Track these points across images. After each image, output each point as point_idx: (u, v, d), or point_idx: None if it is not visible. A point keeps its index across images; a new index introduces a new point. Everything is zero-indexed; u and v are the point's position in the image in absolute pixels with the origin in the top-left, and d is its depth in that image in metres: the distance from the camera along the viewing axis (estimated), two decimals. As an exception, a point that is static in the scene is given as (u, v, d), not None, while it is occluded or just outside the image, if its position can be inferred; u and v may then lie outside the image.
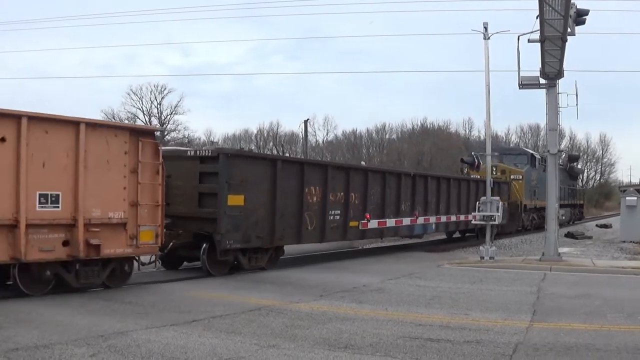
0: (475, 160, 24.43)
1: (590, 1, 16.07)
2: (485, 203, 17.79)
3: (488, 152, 19.07)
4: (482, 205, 17.89)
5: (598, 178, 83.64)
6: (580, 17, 15.16)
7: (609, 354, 6.68)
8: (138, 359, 6.19)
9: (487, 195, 18.01)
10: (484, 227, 18.40)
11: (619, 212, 27.38)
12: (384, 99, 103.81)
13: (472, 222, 19.48)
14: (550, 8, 14.14)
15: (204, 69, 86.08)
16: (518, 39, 16.36)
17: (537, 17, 14.78)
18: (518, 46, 16.46)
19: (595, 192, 74.82)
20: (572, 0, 14.37)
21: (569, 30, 14.94)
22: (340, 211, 16.30)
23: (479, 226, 21.04)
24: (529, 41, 15.89)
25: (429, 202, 20.66)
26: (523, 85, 17.25)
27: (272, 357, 6.37)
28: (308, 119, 50.38)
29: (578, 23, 15.24)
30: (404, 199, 19.27)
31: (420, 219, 20.16)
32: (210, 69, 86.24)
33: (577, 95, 16.92)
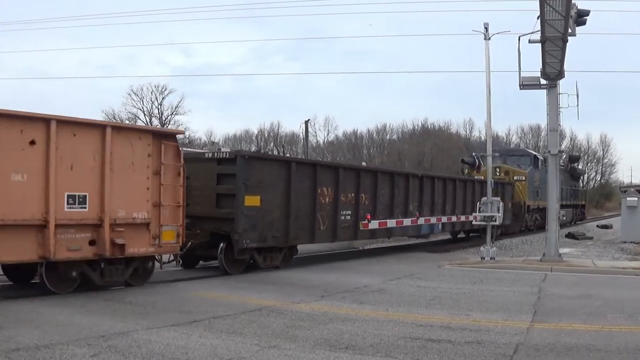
0: (476, 160, 24.39)
1: (590, 1, 16.12)
2: (486, 204, 17.78)
3: (489, 153, 19.08)
4: (482, 205, 17.89)
5: (599, 179, 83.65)
6: (580, 17, 15.17)
7: (609, 355, 6.68)
8: (139, 359, 6.20)
9: (488, 196, 18.02)
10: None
11: (620, 213, 27.38)
12: (385, 99, 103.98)
13: (473, 222, 19.50)
14: (551, 9, 14.15)
15: (205, 70, 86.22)
16: (519, 39, 16.37)
17: (537, 18, 14.79)
18: (519, 47, 16.48)
19: (595, 192, 74.74)
20: (572, 1, 14.38)
21: (569, 30, 14.94)
22: (351, 211, 16.59)
23: (482, 226, 21.08)
24: (530, 42, 15.89)
25: (435, 202, 20.88)
26: (524, 85, 17.25)
27: (273, 358, 6.37)
28: (309, 120, 50.50)
29: (579, 23, 15.25)
30: (412, 200, 19.52)
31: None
32: (210, 69, 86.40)
33: (577, 96, 16.94)
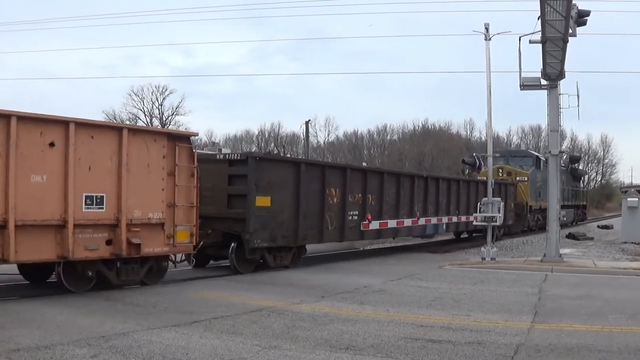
0: (477, 161, 24.37)
1: (591, 2, 16.09)
2: (487, 204, 17.77)
3: (489, 153, 19.07)
4: (483, 206, 17.88)
5: (599, 179, 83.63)
6: (581, 17, 15.15)
7: (610, 355, 6.68)
8: (139, 359, 6.20)
9: (488, 196, 18.00)
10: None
11: (620, 213, 27.37)
12: (385, 99, 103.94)
13: (474, 223, 19.50)
14: (552, 9, 14.14)
15: (205, 70, 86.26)
16: (519, 40, 16.38)
17: (538, 18, 14.78)
18: (519, 47, 16.49)
19: (596, 193, 74.67)
20: (573, 1, 14.37)
21: (570, 31, 14.93)
22: (358, 212, 16.77)
23: (484, 227, 21.12)
24: (530, 42, 15.89)
25: (439, 203, 21.07)
26: (524, 86, 17.25)
27: (274, 358, 6.37)
28: (309, 120, 50.51)
29: (579, 24, 15.24)
30: (417, 200, 19.73)
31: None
32: (211, 69, 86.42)
33: (578, 96, 16.93)
